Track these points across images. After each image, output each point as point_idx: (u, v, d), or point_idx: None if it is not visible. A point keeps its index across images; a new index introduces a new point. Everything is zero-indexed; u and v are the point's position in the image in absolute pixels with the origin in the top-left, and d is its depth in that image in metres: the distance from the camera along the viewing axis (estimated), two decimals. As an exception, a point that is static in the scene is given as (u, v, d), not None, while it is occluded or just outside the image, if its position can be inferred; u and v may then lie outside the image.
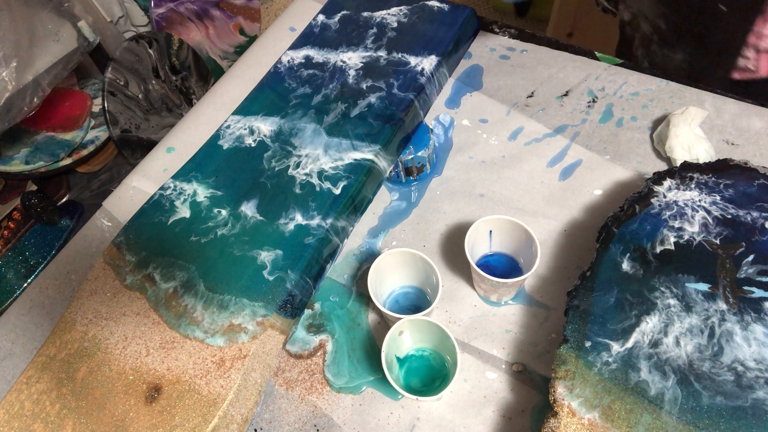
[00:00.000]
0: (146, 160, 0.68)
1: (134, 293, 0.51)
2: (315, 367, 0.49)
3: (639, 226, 0.46)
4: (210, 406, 0.43)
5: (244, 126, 0.61)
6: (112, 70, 0.83)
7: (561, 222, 0.54)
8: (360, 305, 0.52)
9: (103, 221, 0.63)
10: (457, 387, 0.47)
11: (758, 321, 0.40)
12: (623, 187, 0.55)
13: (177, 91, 0.97)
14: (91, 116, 0.91)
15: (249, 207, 0.54)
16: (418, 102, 0.59)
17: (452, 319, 0.50)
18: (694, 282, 0.42)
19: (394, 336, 0.44)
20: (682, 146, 0.53)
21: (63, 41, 0.82)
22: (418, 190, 0.59)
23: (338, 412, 0.47)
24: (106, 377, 0.47)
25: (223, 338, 0.46)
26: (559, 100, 0.62)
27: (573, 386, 0.40)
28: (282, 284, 0.48)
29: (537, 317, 0.49)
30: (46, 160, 0.83)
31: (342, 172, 0.54)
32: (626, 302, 0.43)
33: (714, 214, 0.45)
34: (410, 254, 0.48)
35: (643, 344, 0.40)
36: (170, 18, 1.09)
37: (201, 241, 0.52)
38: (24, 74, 0.74)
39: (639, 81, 0.62)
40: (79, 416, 0.45)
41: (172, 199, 0.56)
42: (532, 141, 0.60)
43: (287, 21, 0.78)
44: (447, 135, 0.63)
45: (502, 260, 0.51)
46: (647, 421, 0.38)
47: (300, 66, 0.65)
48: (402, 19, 0.66)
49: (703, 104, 0.58)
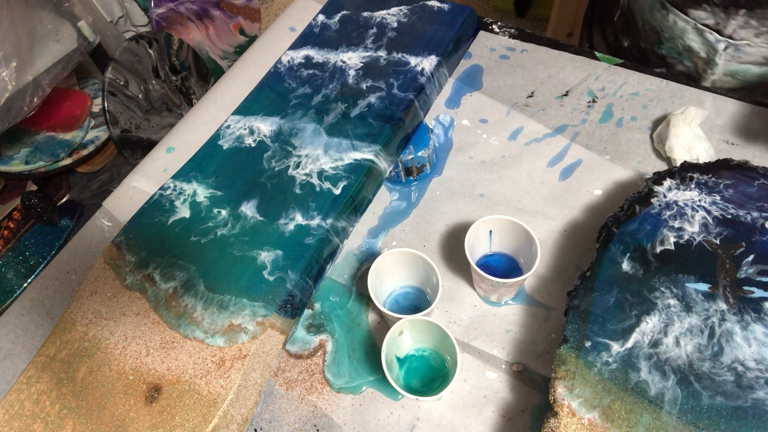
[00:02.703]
0: (146, 160, 0.68)
1: (134, 293, 0.51)
2: (315, 367, 0.49)
3: (639, 226, 0.46)
4: (210, 406, 0.43)
5: (244, 126, 0.61)
6: (112, 70, 0.83)
7: (561, 222, 0.54)
8: (360, 305, 0.52)
9: (103, 221, 0.63)
10: (457, 387, 0.47)
11: (758, 321, 0.40)
12: (623, 187, 0.55)
13: (177, 91, 0.97)
14: (91, 116, 0.91)
15: (249, 207, 0.54)
16: (418, 102, 0.59)
17: (452, 319, 0.50)
18: (694, 282, 0.42)
19: (394, 336, 0.44)
20: (682, 146, 0.53)
21: (63, 41, 0.82)
22: (418, 190, 0.59)
23: (338, 412, 0.47)
24: (106, 377, 0.47)
25: (223, 338, 0.46)
26: (559, 100, 0.62)
27: (573, 386, 0.40)
28: (282, 284, 0.48)
29: (537, 317, 0.49)
30: (46, 160, 0.83)
31: (342, 172, 0.54)
32: (626, 302, 0.43)
33: (714, 214, 0.45)
34: (410, 254, 0.48)
35: (643, 344, 0.40)
36: (170, 18, 1.09)
37: (201, 241, 0.52)
38: (24, 74, 0.74)
39: (639, 81, 0.62)
40: (79, 416, 0.45)
41: (172, 199, 0.56)
42: (532, 141, 0.60)
43: (287, 21, 0.78)
44: (447, 135, 0.63)
45: (502, 260, 0.51)
46: (647, 421, 0.38)
47: (300, 66, 0.65)
48: (402, 19, 0.66)
49: (703, 104, 0.58)
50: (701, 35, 0.63)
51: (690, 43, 0.65)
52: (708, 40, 0.63)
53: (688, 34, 0.65)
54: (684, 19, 0.64)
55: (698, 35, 0.64)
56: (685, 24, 0.64)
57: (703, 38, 0.63)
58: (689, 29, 0.64)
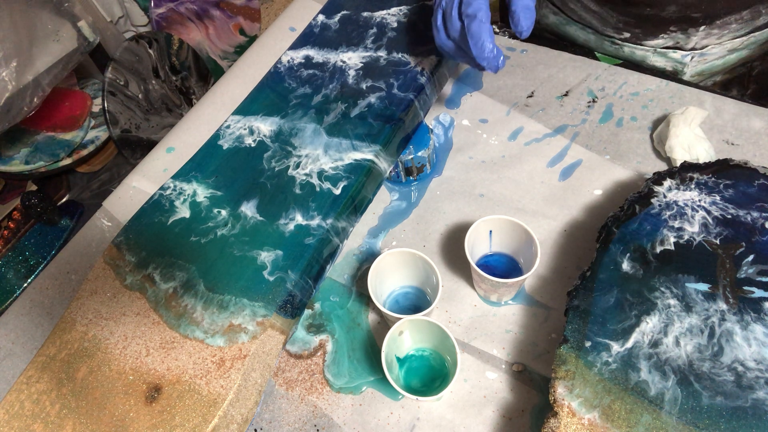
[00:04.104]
0: (146, 160, 0.68)
1: (134, 293, 0.51)
2: (315, 367, 0.49)
3: (639, 226, 0.46)
4: (210, 406, 0.43)
5: (244, 126, 0.61)
6: (112, 70, 0.83)
7: (561, 222, 0.54)
8: (360, 305, 0.52)
9: (103, 221, 0.63)
10: (457, 387, 0.47)
11: (758, 321, 0.40)
12: (623, 187, 0.55)
13: (177, 91, 0.97)
14: (91, 116, 0.91)
15: (249, 207, 0.54)
16: (418, 102, 0.59)
17: (452, 319, 0.50)
18: (694, 282, 0.42)
19: (394, 336, 0.44)
20: (682, 146, 0.53)
21: (63, 41, 0.82)
22: (418, 190, 0.59)
23: (338, 412, 0.47)
24: (106, 377, 0.47)
25: (223, 338, 0.46)
26: (559, 100, 0.62)
27: (573, 386, 0.40)
28: (282, 284, 0.48)
29: (537, 317, 0.49)
30: (46, 160, 0.83)
31: (342, 172, 0.54)
32: (626, 302, 0.43)
33: (714, 214, 0.45)
34: (410, 254, 0.48)
35: (643, 344, 0.40)
36: (170, 18, 1.08)
37: (201, 241, 0.52)
38: (24, 74, 0.74)
39: (639, 81, 0.62)
40: (79, 416, 0.45)
41: (172, 199, 0.56)
42: (532, 141, 0.60)
43: (287, 21, 0.78)
44: (447, 135, 0.63)
45: (502, 260, 0.51)
46: (647, 421, 0.38)
47: (300, 66, 0.65)
48: (402, 19, 0.66)
49: (703, 104, 0.58)
50: (664, 56, 0.63)
51: (653, 64, 0.65)
52: (672, 57, 0.63)
53: (650, 58, 0.65)
54: (642, 48, 0.64)
55: (661, 56, 0.64)
56: (644, 51, 0.64)
57: (667, 57, 0.63)
58: (650, 55, 0.64)
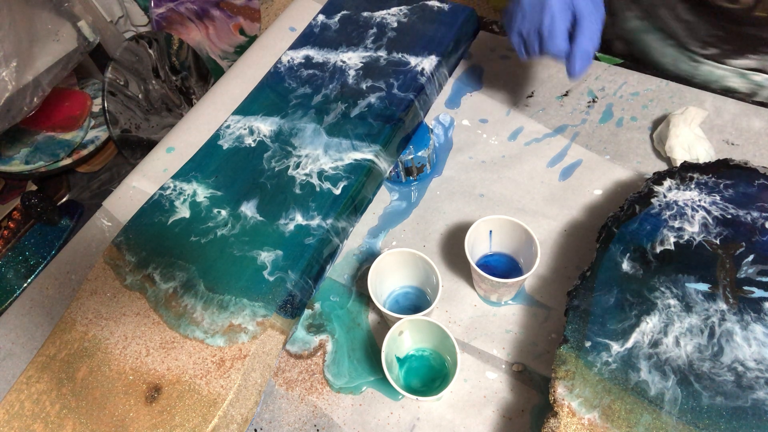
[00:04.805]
0: (146, 160, 0.68)
1: (134, 293, 0.51)
2: (315, 367, 0.49)
3: (639, 226, 0.46)
4: (210, 406, 0.43)
5: (244, 126, 0.61)
6: (112, 70, 0.83)
7: (561, 222, 0.54)
8: (360, 305, 0.52)
9: (103, 221, 0.63)
10: (457, 387, 0.47)
11: (758, 321, 0.40)
12: (623, 187, 0.55)
13: (177, 91, 0.97)
14: (91, 116, 0.91)
15: (249, 207, 0.54)
16: (418, 102, 0.59)
17: (452, 319, 0.50)
18: (694, 282, 0.42)
19: (394, 336, 0.44)
20: (682, 146, 0.53)
21: (63, 41, 0.82)
22: (418, 190, 0.59)
23: (338, 412, 0.47)
24: (106, 377, 0.47)
25: (223, 338, 0.46)
26: (559, 100, 0.62)
27: (573, 386, 0.40)
28: (282, 284, 0.48)
29: (537, 317, 0.49)
30: (46, 160, 0.83)
31: (342, 172, 0.54)
32: (626, 302, 0.43)
33: (714, 214, 0.45)
34: (410, 254, 0.48)
35: (643, 344, 0.40)
36: (170, 18, 1.09)
37: (201, 241, 0.52)
38: (24, 74, 0.74)
39: (639, 81, 0.62)
40: (79, 416, 0.45)
41: (171, 199, 0.56)
42: (532, 141, 0.60)
43: (287, 21, 0.78)
44: (447, 135, 0.63)
45: (502, 260, 0.51)
46: (647, 421, 0.38)
47: (300, 66, 0.65)
48: (402, 19, 0.66)
49: (703, 104, 0.58)
50: (744, 77, 0.60)
51: (729, 84, 0.62)
52: (754, 80, 0.60)
53: (728, 79, 0.61)
54: (723, 68, 0.61)
55: (741, 77, 0.60)
56: (724, 72, 0.61)
57: (747, 79, 0.60)
58: (729, 75, 0.61)
